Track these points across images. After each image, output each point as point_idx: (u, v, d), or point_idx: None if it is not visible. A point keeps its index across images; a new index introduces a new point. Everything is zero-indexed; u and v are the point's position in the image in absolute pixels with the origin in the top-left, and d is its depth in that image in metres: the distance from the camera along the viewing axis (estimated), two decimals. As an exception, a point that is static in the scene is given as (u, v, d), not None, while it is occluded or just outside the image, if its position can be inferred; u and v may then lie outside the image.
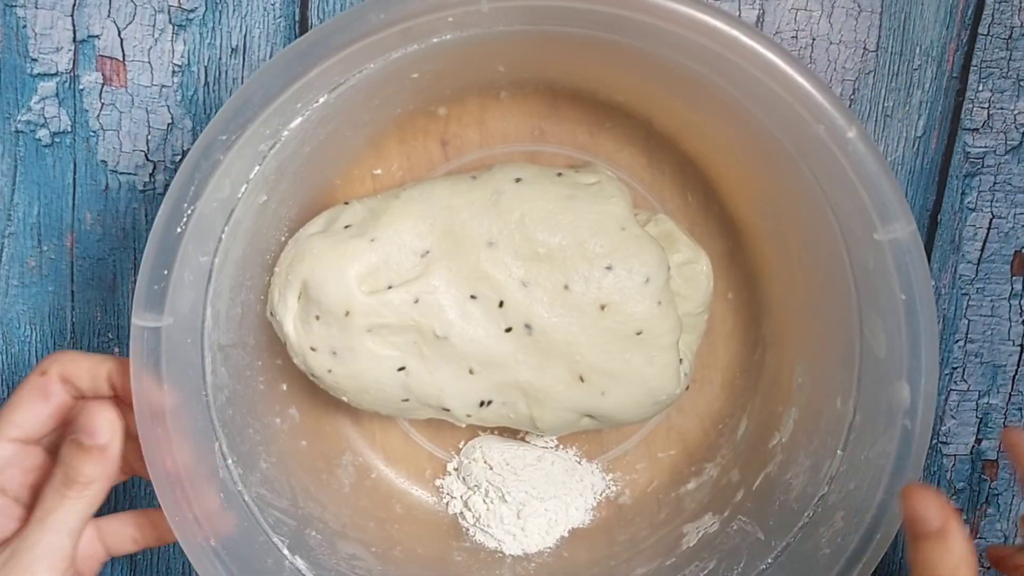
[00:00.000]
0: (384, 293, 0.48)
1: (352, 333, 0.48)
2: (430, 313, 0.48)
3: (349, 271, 0.48)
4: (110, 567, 0.59)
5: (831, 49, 0.54)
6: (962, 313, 0.58)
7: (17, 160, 0.55)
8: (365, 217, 0.49)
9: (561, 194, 0.49)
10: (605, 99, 0.53)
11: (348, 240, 0.48)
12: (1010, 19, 0.54)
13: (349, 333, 0.48)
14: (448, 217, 0.48)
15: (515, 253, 0.48)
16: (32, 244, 0.56)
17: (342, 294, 0.48)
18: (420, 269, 0.49)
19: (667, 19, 0.42)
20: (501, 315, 0.49)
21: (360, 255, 0.48)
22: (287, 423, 0.54)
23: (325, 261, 0.48)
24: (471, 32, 0.43)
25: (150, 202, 0.55)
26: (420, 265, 0.49)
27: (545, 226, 0.48)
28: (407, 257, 0.49)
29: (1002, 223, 0.57)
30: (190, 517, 0.45)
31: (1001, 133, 0.55)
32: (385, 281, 0.48)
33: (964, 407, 0.59)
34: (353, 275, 0.48)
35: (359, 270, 0.48)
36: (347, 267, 0.48)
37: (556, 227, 0.48)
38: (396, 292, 0.48)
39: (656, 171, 0.54)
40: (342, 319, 0.48)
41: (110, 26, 0.53)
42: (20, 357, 0.57)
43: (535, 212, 0.48)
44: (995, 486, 0.60)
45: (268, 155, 0.45)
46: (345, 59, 0.43)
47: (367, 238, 0.48)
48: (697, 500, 0.56)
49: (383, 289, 0.48)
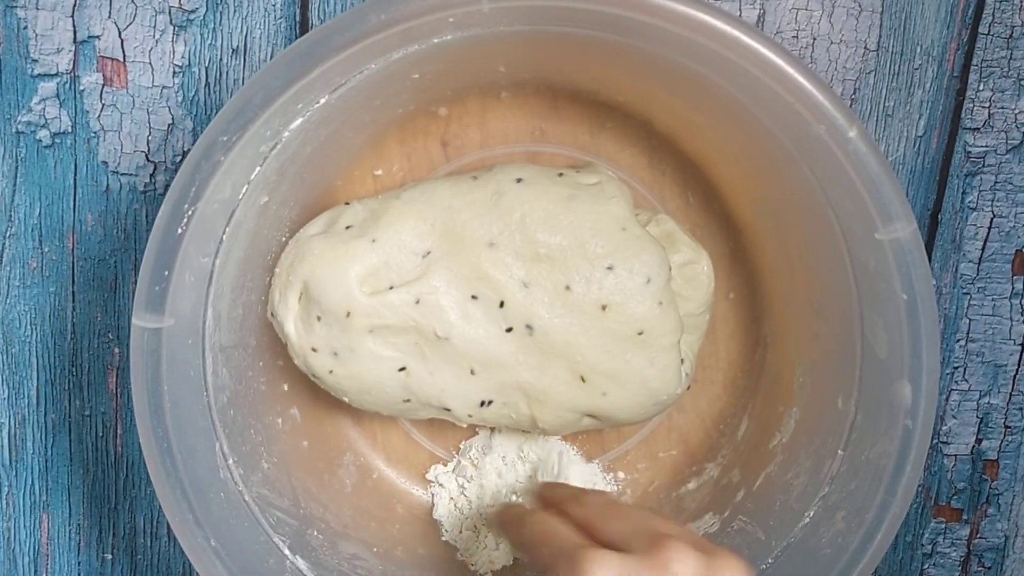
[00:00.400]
0: (385, 294, 0.48)
1: (353, 334, 0.48)
2: (431, 314, 0.48)
3: (350, 272, 0.48)
4: (111, 567, 0.59)
5: (832, 49, 0.54)
6: (963, 312, 0.58)
7: (18, 161, 0.54)
8: (366, 218, 0.49)
9: (562, 194, 0.49)
10: (606, 99, 0.53)
11: (349, 241, 0.48)
12: (1011, 18, 0.54)
13: (350, 334, 0.48)
14: (449, 217, 0.48)
15: (516, 253, 0.48)
16: (33, 245, 0.55)
17: (343, 295, 0.48)
18: (421, 270, 0.49)
19: (668, 19, 0.42)
20: (502, 315, 0.49)
21: (361, 256, 0.48)
22: (288, 423, 0.54)
23: (326, 262, 0.48)
24: (472, 32, 0.43)
25: (151, 203, 0.55)
26: (421, 266, 0.49)
27: (546, 226, 0.48)
28: (408, 258, 0.49)
29: (1003, 222, 0.57)
30: (191, 518, 0.45)
31: (1002, 132, 0.55)
32: (386, 282, 0.48)
33: (965, 407, 0.59)
34: (354, 276, 0.48)
35: (360, 271, 0.48)
36: (348, 268, 0.48)
37: (557, 227, 0.48)
38: (397, 293, 0.48)
39: (657, 171, 0.54)
40: (343, 320, 0.48)
41: (111, 27, 0.53)
42: (21, 357, 0.57)
43: (536, 212, 0.48)
44: (996, 486, 0.60)
45: (269, 156, 0.45)
46: (346, 60, 0.43)
47: (368, 239, 0.48)
48: (698, 500, 0.56)
49: (384, 290, 0.48)
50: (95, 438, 0.58)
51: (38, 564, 0.59)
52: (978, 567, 0.61)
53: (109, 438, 0.58)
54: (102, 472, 0.58)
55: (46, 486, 0.58)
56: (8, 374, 0.57)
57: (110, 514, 0.59)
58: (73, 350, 0.57)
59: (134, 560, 0.59)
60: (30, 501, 0.59)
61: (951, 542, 0.60)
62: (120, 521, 0.59)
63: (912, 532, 0.60)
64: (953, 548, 0.60)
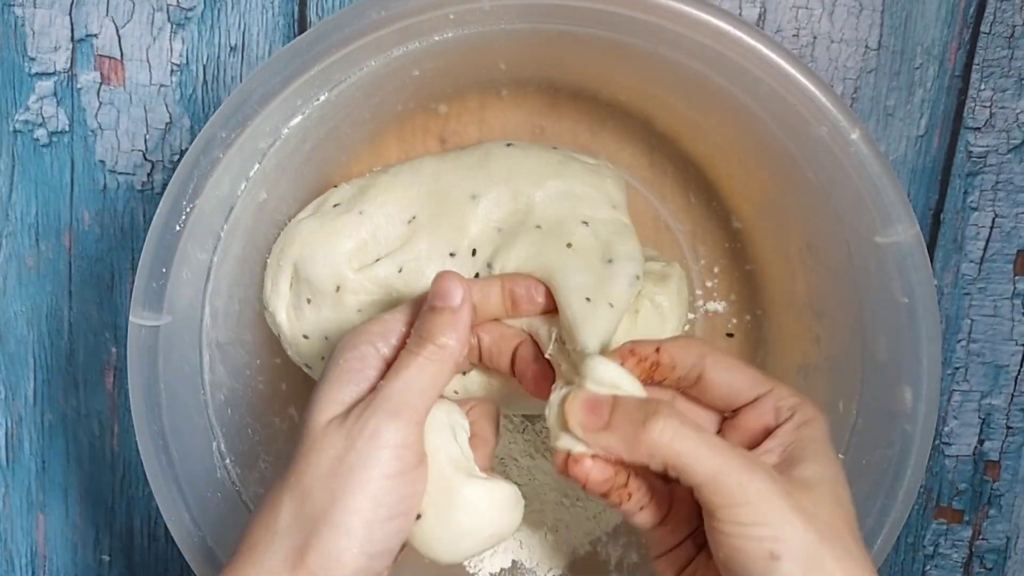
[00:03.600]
0: (372, 268, 0.48)
1: (343, 313, 0.48)
2: (413, 280, 0.48)
3: (339, 247, 0.47)
4: (108, 567, 0.59)
5: (832, 48, 0.54)
6: (964, 313, 0.58)
7: (15, 159, 0.54)
8: (354, 194, 0.49)
9: (553, 159, 0.48)
10: (606, 98, 0.52)
11: (336, 217, 0.48)
12: (1012, 18, 0.54)
13: (340, 313, 0.48)
14: (435, 181, 0.48)
15: (496, 203, 0.47)
16: (30, 243, 0.55)
17: (332, 270, 0.47)
18: (406, 236, 0.48)
19: (669, 18, 0.42)
20: (472, 263, 0.48)
21: (349, 230, 0.48)
22: (286, 423, 0.53)
23: (315, 239, 0.48)
24: (473, 30, 0.43)
25: (148, 201, 0.55)
26: (406, 232, 0.48)
27: (531, 181, 0.47)
28: (395, 227, 0.48)
29: (1004, 222, 0.56)
30: (187, 517, 0.45)
31: (1003, 132, 0.55)
32: (373, 254, 0.48)
33: (966, 407, 0.59)
34: (342, 251, 0.47)
35: (349, 246, 0.48)
36: (336, 243, 0.47)
37: (542, 185, 0.47)
38: (382, 264, 0.48)
39: (658, 171, 0.54)
40: (333, 297, 0.48)
41: (108, 25, 0.53)
42: (18, 356, 0.57)
43: (524, 169, 0.48)
44: (997, 487, 0.60)
45: (268, 153, 0.45)
46: (346, 56, 0.43)
47: (355, 212, 0.48)
48: (698, 501, 0.55)
49: (371, 263, 0.48)
50: (92, 438, 0.58)
51: (35, 565, 0.59)
52: (980, 568, 0.61)
53: (106, 438, 0.58)
54: (99, 472, 0.58)
55: (43, 486, 0.58)
56: (5, 373, 0.57)
57: (107, 514, 0.59)
58: (70, 349, 0.57)
59: (131, 561, 0.59)
60: (27, 501, 0.58)
61: (952, 543, 0.60)
62: (117, 521, 0.59)
63: (913, 533, 0.60)
64: (955, 549, 0.60)
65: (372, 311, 0.48)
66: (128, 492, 0.58)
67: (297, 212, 0.51)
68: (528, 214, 0.47)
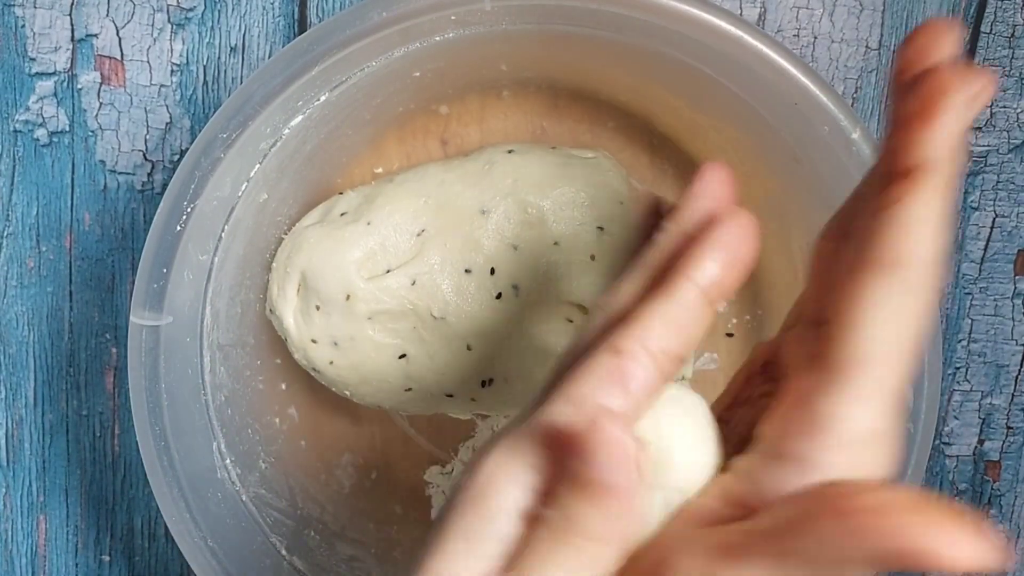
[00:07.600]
0: (383, 278, 0.48)
1: (353, 321, 0.48)
2: (427, 294, 0.48)
3: (347, 256, 0.48)
4: (108, 568, 0.59)
5: (833, 47, 0.54)
6: (965, 313, 0.58)
7: (15, 160, 0.54)
8: (360, 203, 0.49)
9: (555, 162, 0.49)
10: (607, 98, 0.52)
11: (344, 227, 0.48)
12: (1012, 17, 0.54)
13: (349, 321, 0.48)
14: (441, 192, 0.48)
15: (507, 217, 0.48)
16: (30, 244, 0.55)
17: (341, 280, 0.48)
18: (416, 248, 0.48)
19: (669, 18, 0.43)
20: (492, 283, 0.48)
21: (357, 240, 0.48)
22: (286, 423, 0.53)
23: (323, 249, 0.48)
24: (474, 30, 0.43)
25: (148, 202, 0.55)
26: (416, 244, 0.48)
27: (538, 190, 0.48)
28: (404, 238, 0.48)
29: (1005, 222, 0.56)
30: (188, 517, 0.45)
31: (1004, 132, 0.55)
32: (383, 265, 0.48)
33: (967, 407, 0.59)
34: (352, 260, 0.48)
35: (357, 256, 0.48)
36: (345, 253, 0.48)
37: (549, 192, 0.48)
38: (394, 276, 0.48)
39: (659, 171, 0.54)
40: (343, 305, 0.48)
41: (108, 25, 0.53)
42: (18, 358, 0.57)
43: (528, 177, 0.48)
44: (998, 487, 0.60)
45: (269, 153, 0.45)
46: (347, 57, 0.43)
47: (363, 222, 0.48)
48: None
49: (381, 273, 0.48)
50: (93, 439, 0.58)
51: (35, 566, 0.59)
52: (980, 569, 0.60)
53: (107, 438, 0.58)
54: (100, 473, 0.58)
55: (43, 487, 0.58)
56: (5, 375, 0.57)
57: (108, 515, 0.59)
58: (70, 350, 0.57)
59: (132, 562, 0.59)
60: (27, 503, 0.58)
61: (953, 544, 0.60)
62: (118, 522, 0.59)
63: (913, 534, 0.60)
64: (955, 550, 0.60)
65: (383, 320, 0.48)
66: (129, 493, 0.58)
67: (298, 213, 0.51)
68: (542, 228, 0.48)
